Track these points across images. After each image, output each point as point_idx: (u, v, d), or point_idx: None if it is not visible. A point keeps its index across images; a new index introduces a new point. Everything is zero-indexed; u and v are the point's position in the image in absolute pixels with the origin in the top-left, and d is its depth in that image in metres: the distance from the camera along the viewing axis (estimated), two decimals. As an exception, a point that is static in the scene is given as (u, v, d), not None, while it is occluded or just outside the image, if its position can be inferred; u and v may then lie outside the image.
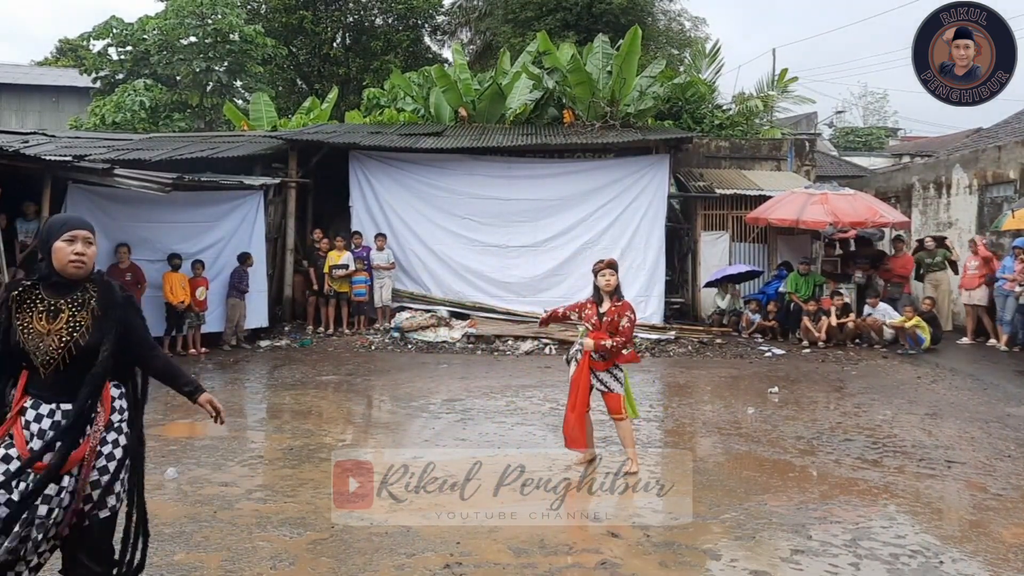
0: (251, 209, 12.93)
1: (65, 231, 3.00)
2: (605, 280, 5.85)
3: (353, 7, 26.96)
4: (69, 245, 2.98)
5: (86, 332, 2.97)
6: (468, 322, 13.25)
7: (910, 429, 7.49)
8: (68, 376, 2.96)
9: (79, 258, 2.98)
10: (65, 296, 3.01)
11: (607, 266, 5.91)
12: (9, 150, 9.68)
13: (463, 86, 17.09)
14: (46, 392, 2.97)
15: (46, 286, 3.02)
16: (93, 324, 2.99)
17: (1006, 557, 4.41)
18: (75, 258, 2.97)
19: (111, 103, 21.86)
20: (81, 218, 3.12)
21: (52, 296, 3.00)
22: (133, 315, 3.17)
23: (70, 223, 3.05)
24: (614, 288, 5.88)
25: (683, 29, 27.62)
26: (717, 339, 13.22)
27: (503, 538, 4.57)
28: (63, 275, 2.99)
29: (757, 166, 17.06)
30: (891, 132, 41.21)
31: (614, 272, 5.90)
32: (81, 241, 3.00)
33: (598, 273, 5.90)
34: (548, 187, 14.29)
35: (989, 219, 14.29)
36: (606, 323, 5.82)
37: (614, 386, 5.88)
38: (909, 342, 12.10)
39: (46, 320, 2.96)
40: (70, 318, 2.97)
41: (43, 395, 2.97)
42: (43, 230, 3.11)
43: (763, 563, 4.32)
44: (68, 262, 2.97)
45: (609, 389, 5.88)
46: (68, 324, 2.96)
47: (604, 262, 5.95)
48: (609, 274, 5.86)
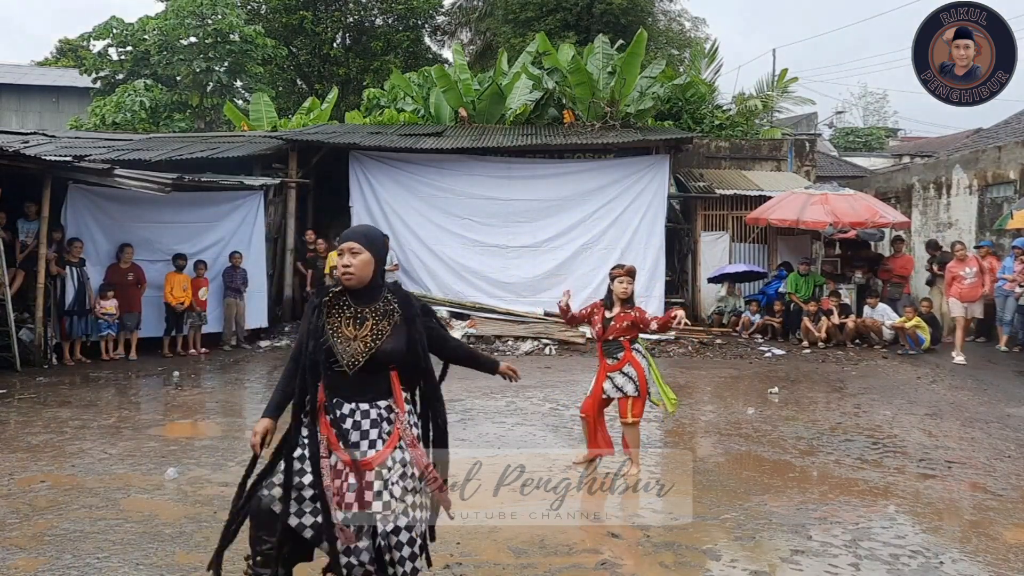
0: (251, 209, 12.93)
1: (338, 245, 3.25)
2: (623, 288, 5.78)
3: (353, 7, 26.98)
4: (339, 258, 3.21)
5: (388, 339, 3.17)
6: (468, 322, 13.25)
7: (910, 429, 7.49)
8: (366, 378, 3.15)
9: (345, 269, 3.17)
10: (369, 305, 3.21)
11: (626, 273, 5.82)
12: (9, 150, 9.68)
13: (463, 86, 17.09)
14: (346, 392, 3.16)
15: (352, 295, 3.22)
16: (394, 332, 3.19)
17: (1006, 557, 4.41)
18: (342, 269, 3.18)
19: (111, 103, 21.87)
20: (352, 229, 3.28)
21: (358, 304, 3.21)
22: (432, 321, 3.42)
23: (341, 237, 3.25)
24: (629, 296, 5.84)
25: (683, 29, 27.66)
26: (717, 339, 13.22)
27: (503, 538, 4.56)
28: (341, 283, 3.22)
29: (757, 166, 17.07)
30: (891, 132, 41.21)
31: (632, 281, 5.81)
32: (347, 253, 3.17)
33: (616, 279, 5.81)
34: (548, 187, 14.29)
35: (989, 219, 14.28)
36: (612, 328, 5.78)
37: (628, 388, 5.82)
38: (909, 342, 12.10)
39: (353, 326, 3.17)
40: (374, 326, 3.17)
41: (343, 395, 3.17)
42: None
43: (763, 563, 4.32)
44: (341, 275, 3.19)
45: (624, 394, 5.83)
46: (372, 331, 3.16)
47: (623, 269, 5.86)
48: (627, 282, 5.79)
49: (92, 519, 4.73)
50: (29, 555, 4.19)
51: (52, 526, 4.60)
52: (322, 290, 3.29)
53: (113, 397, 8.74)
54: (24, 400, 8.32)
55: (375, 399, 3.20)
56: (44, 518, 4.74)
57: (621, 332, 5.77)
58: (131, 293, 11.12)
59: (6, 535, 4.46)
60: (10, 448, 6.35)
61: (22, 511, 4.86)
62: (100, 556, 4.18)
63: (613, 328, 5.77)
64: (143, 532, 4.53)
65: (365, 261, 3.18)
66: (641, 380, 5.80)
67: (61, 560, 4.11)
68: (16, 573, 3.98)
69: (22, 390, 8.83)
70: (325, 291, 3.26)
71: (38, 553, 4.22)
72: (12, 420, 7.40)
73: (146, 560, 4.14)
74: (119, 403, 8.44)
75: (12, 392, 8.68)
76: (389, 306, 3.24)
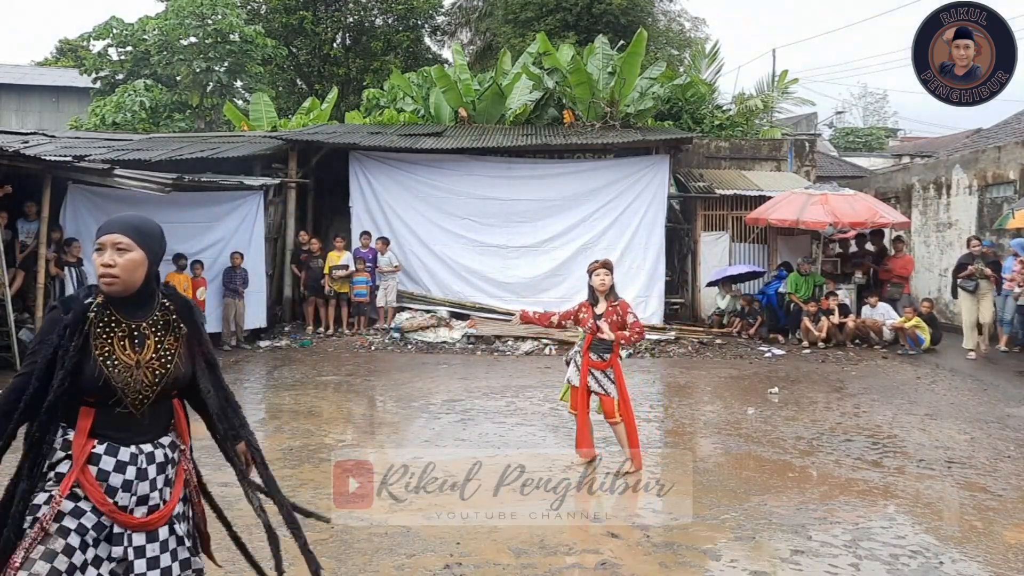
0: (251, 209, 12.93)
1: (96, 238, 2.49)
2: (600, 280, 5.85)
3: (353, 7, 26.97)
4: (98, 256, 2.46)
5: (179, 362, 2.52)
6: (468, 322, 13.25)
7: (910, 429, 7.49)
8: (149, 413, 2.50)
9: (107, 271, 2.43)
10: (144, 318, 2.50)
11: (602, 266, 5.92)
12: (9, 150, 9.68)
13: (463, 86, 17.09)
14: (124, 433, 2.46)
15: (118, 305, 2.47)
16: (183, 350, 2.55)
17: (1006, 557, 4.41)
18: (103, 270, 2.43)
19: (111, 103, 21.86)
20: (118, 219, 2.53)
21: (127, 317, 2.48)
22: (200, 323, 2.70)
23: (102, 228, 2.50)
24: (609, 288, 5.87)
25: (683, 29, 27.66)
26: (717, 339, 13.22)
27: (503, 538, 4.56)
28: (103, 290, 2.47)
29: (757, 166, 17.06)
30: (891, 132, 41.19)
31: (609, 272, 5.90)
32: (110, 248, 2.44)
33: (592, 273, 5.91)
34: (548, 187, 14.29)
35: (989, 220, 14.28)
36: None
37: (609, 388, 5.88)
38: (909, 342, 12.10)
39: (131, 348, 2.45)
40: (158, 345, 2.49)
41: (119, 437, 2.46)
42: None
43: (763, 563, 4.32)
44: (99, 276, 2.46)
45: (605, 392, 5.88)
46: (158, 353, 2.48)
47: (599, 262, 5.96)
48: (604, 274, 5.87)
49: (92, 519, 4.73)
50: (29, 555, 4.18)
51: (52, 526, 4.59)
52: (73, 299, 2.46)
53: (113, 397, 8.72)
54: (24, 400, 8.30)
55: (157, 436, 2.52)
56: (44, 518, 4.73)
57: (613, 328, 5.79)
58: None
59: (6, 535, 4.45)
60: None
61: (22, 511, 4.85)
62: (100, 556, 4.17)
63: (607, 323, 5.79)
64: (143, 532, 4.52)
65: (135, 261, 2.43)
66: (619, 383, 5.89)
67: None
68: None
69: (22, 390, 8.81)
70: (79, 301, 2.44)
71: (38, 553, 4.21)
72: (12, 420, 7.39)
73: None
74: (119, 403, 8.42)
75: (12, 392, 8.66)
76: (168, 316, 2.54)
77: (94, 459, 2.41)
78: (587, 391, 5.89)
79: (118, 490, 2.42)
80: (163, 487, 2.51)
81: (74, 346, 2.37)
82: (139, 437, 2.48)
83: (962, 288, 12.04)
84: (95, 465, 2.41)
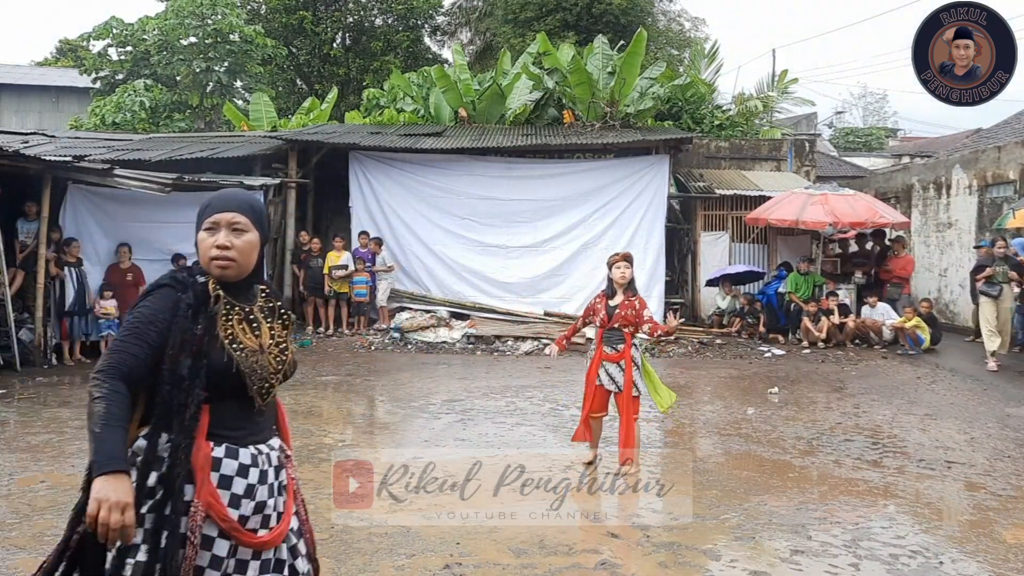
0: (251, 209, 12.91)
1: (208, 215, 2.24)
2: (620, 272, 5.86)
3: (353, 7, 26.97)
4: (209, 235, 2.23)
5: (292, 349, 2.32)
6: (468, 322, 13.25)
7: (910, 429, 7.49)
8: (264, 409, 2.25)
9: (222, 253, 2.19)
10: (251, 303, 2.29)
11: (623, 258, 5.92)
12: (9, 150, 9.68)
13: (463, 86, 17.09)
14: (240, 432, 2.19)
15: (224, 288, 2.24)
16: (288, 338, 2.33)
17: (1006, 557, 4.41)
18: (217, 252, 2.20)
19: (111, 103, 21.85)
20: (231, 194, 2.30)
21: (239, 302, 2.26)
22: None
23: (214, 204, 2.25)
24: (628, 281, 5.89)
25: (683, 29, 27.67)
26: (717, 339, 13.22)
27: (503, 538, 4.56)
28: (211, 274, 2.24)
29: (757, 166, 17.06)
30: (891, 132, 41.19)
31: (629, 265, 5.91)
32: (226, 228, 2.21)
33: (613, 265, 5.92)
34: (548, 187, 14.29)
35: (989, 220, 14.28)
36: (617, 316, 5.81)
37: (620, 381, 5.84)
38: (909, 342, 12.10)
39: (251, 333, 2.22)
40: (271, 330, 2.27)
41: (236, 436, 2.18)
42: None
43: (763, 563, 4.32)
44: (211, 259, 2.21)
45: (619, 388, 5.85)
46: (273, 339, 2.26)
47: (619, 255, 5.97)
48: (624, 266, 5.87)
49: (92, 519, 4.72)
50: (29, 555, 4.18)
51: (52, 526, 4.59)
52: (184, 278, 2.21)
53: (113, 397, 8.72)
54: (24, 400, 8.32)
55: (269, 437, 2.28)
56: (44, 518, 4.73)
57: (626, 320, 5.80)
58: (130, 293, 11.12)
59: (6, 535, 4.46)
60: (10, 448, 6.35)
61: (22, 511, 4.86)
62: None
63: (618, 316, 5.80)
64: (143, 532, 4.52)
65: (251, 243, 2.23)
66: (628, 379, 5.81)
67: (61, 560, 4.11)
68: (16, 573, 3.98)
69: (22, 390, 8.83)
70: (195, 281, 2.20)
71: (38, 553, 4.21)
72: (12, 420, 7.40)
73: None
74: (119, 403, 8.42)
75: (12, 392, 8.68)
76: (271, 302, 2.33)
77: (215, 464, 2.12)
78: (603, 392, 5.89)
79: (241, 498, 2.14)
80: (278, 495, 2.25)
81: (200, 328, 2.12)
82: (255, 436, 2.21)
83: (983, 293, 11.08)
84: (216, 471, 2.11)
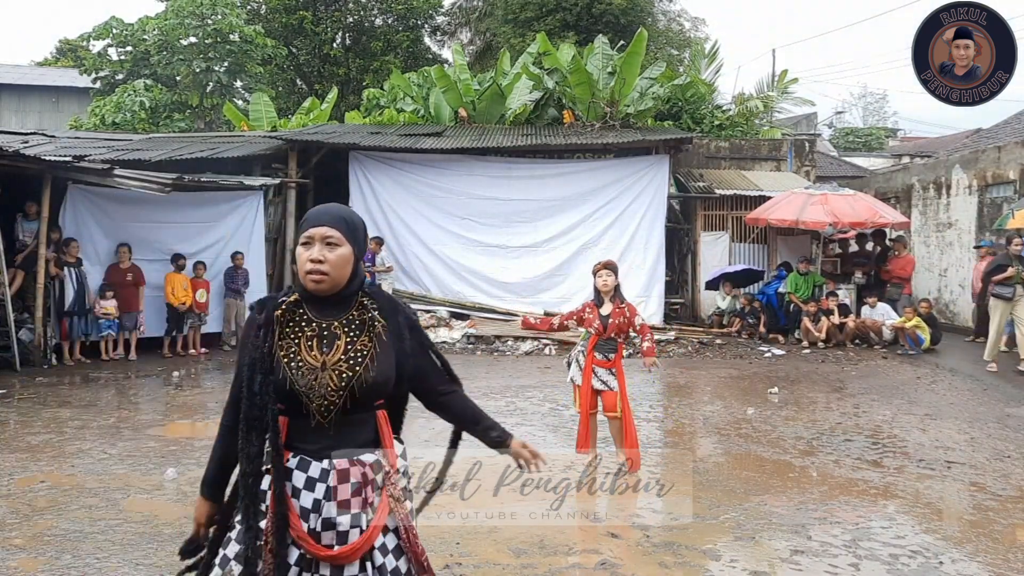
0: (251, 209, 12.93)
1: (304, 230, 2.26)
2: (603, 281, 5.85)
3: (353, 7, 26.98)
4: (305, 250, 2.24)
5: (371, 364, 2.25)
6: (468, 322, 13.25)
7: (910, 429, 7.49)
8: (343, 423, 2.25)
9: (316, 267, 2.21)
10: (339, 317, 2.28)
11: (604, 267, 5.90)
12: (9, 150, 9.68)
13: (463, 87, 17.09)
14: (315, 446, 2.23)
15: (315, 304, 2.28)
16: (379, 352, 2.28)
17: (1006, 557, 4.41)
18: (311, 267, 2.22)
19: (111, 103, 21.86)
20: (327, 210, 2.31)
21: (319, 316, 2.27)
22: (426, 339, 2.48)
23: (310, 219, 2.28)
24: (612, 289, 5.87)
25: (683, 29, 27.68)
26: (717, 339, 13.22)
27: (503, 538, 4.56)
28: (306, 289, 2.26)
29: (757, 166, 17.07)
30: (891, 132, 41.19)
31: (612, 273, 5.88)
32: (319, 243, 2.23)
33: (596, 274, 5.91)
34: (548, 187, 14.29)
35: (989, 220, 14.29)
36: (612, 325, 5.81)
37: (612, 383, 5.89)
38: (909, 342, 12.10)
39: (317, 349, 2.23)
40: (349, 345, 2.25)
41: (311, 450, 2.23)
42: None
43: (763, 563, 4.32)
44: (307, 275, 2.23)
45: (608, 387, 5.88)
46: (347, 354, 2.24)
47: (601, 263, 5.95)
48: (607, 275, 5.86)
49: (92, 519, 4.73)
50: (29, 555, 4.19)
51: (52, 526, 4.59)
52: (268, 299, 2.30)
53: (113, 397, 8.74)
54: (24, 400, 8.32)
55: (355, 453, 2.27)
56: (44, 518, 4.74)
57: (620, 329, 5.83)
58: (130, 293, 11.12)
59: (6, 535, 4.46)
60: (10, 448, 6.35)
61: (22, 511, 4.86)
62: (100, 556, 4.18)
63: (612, 326, 5.81)
64: (143, 532, 4.53)
65: (344, 257, 2.24)
66: (621, 383, 5.91)
67: (61, 560, 4.11)
68: (16, 573, 3.98)
69: (22, 390, 8.83)
70: (274, 300, 2.28)
71: (38, 553, 4.22)
72: (12, 420, 7.40)
73: (146, 560, 4.13)
74: (119, 403, 8.44)
75: (12, 392, 8.68)
76: (366, 314, 2.29)
77: (287, 475, 2.20)
78: (593, 391, 5.90)
79: (309, 512, 2.18)
80: (357, 512, 2.21)
81: (267, 346, 2.20)
82: (333, 450, 2.23)
83: (996, 295, 10.45)
84: (289, 481, 2.20)
